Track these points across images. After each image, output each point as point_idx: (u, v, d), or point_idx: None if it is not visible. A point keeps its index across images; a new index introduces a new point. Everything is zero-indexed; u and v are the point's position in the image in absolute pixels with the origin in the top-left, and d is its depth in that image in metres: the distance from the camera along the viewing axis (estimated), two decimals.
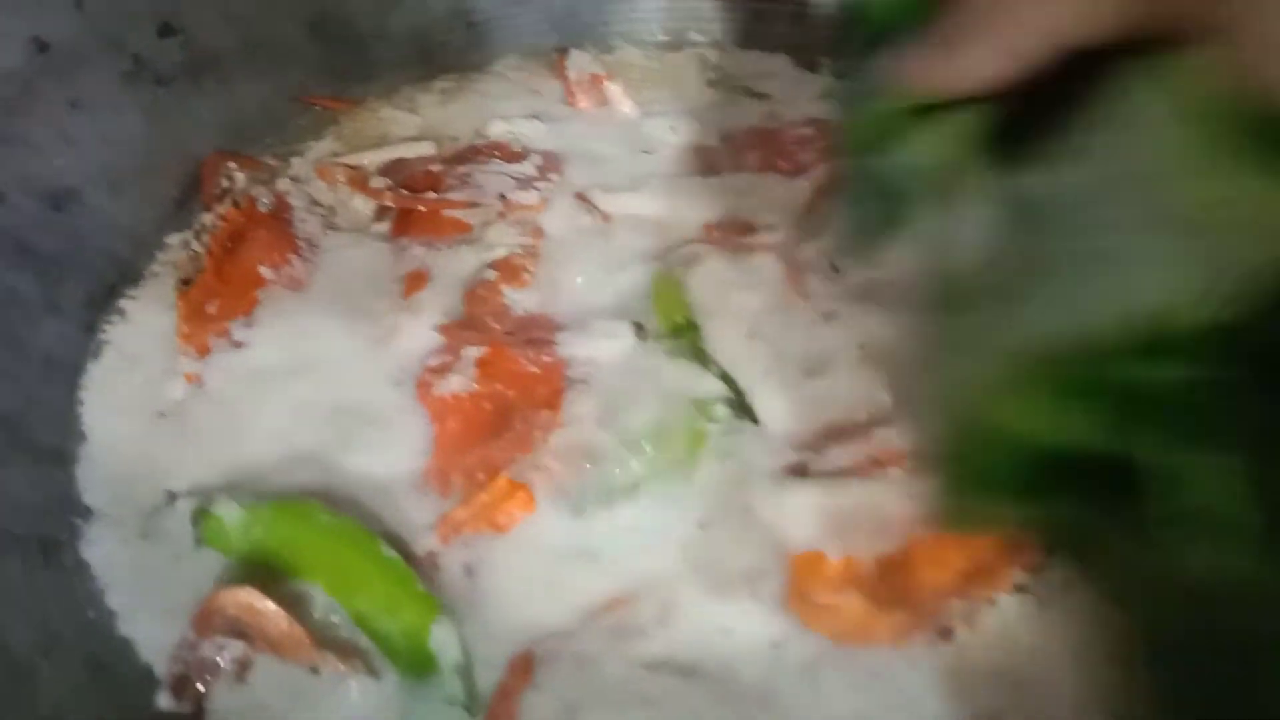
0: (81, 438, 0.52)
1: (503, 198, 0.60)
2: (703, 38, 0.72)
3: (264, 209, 0.59)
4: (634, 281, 0.55)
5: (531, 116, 0.66)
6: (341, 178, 0.62)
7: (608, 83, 0.68)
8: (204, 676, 0.43)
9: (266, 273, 0.56)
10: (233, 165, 0.61)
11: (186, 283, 0.56)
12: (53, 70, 0.55)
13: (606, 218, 0.59)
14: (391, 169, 0.63)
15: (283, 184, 0.62)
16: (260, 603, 0.43)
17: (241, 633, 0.43)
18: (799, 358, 0.50)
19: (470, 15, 0.71)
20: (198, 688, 0.43)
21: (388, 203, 0.61)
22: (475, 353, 0.52)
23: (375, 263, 0.58)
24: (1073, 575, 0.42)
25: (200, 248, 0.57)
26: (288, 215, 0.60)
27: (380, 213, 0.61)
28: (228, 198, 0.59)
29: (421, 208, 0.60)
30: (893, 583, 0.43)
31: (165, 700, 0.43)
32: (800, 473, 0.46)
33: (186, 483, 0.50)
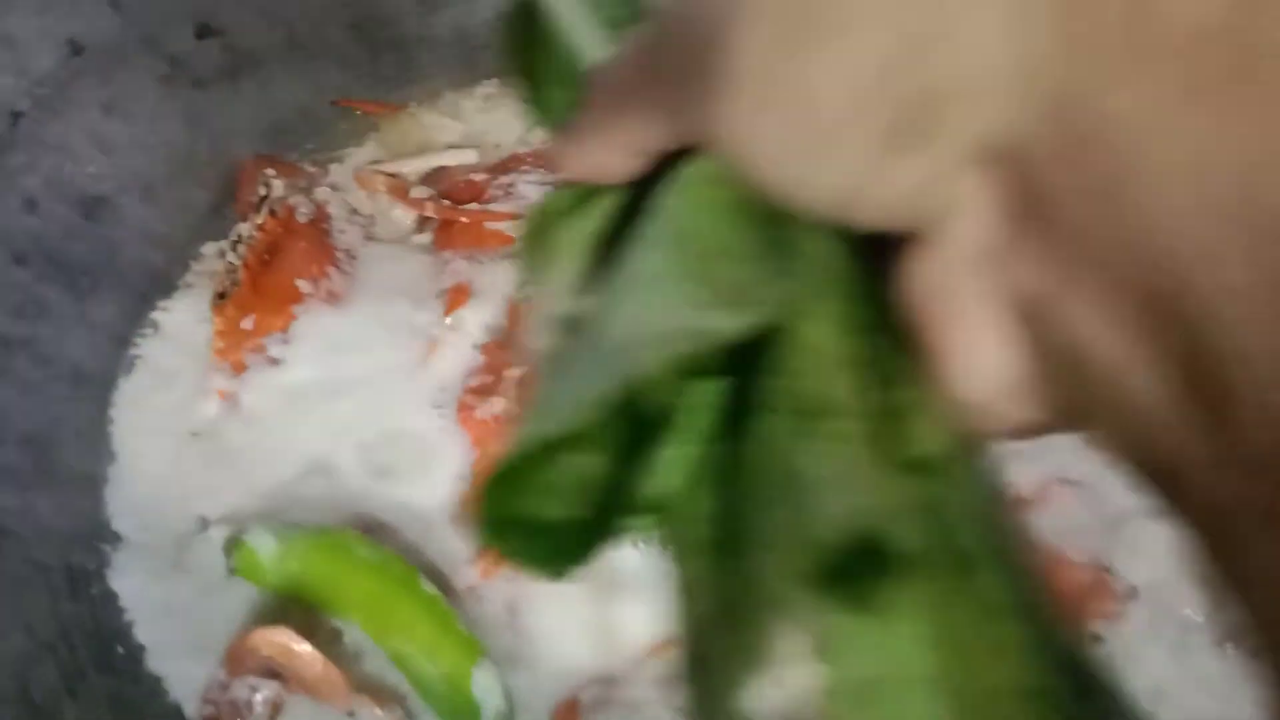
0: (111, 458, 0.50)
1: None
2: None
3: (303, 219, 0.57)
4: None
5: None
6: (382, 187, 0.60)
7: None
8: (235, 718, 0.41)
9: (304, 286, 0.54)
10: (270, 171, 0.59)
11: (222, 295, 0.54)
12: (88, 72, 0.53)
13: None
14: (433, 178, 0.61)
15: (321, 192, 0.60)
16: (296, 644, 0.41)
17: (275, 673, 0.42)
18: None
19: None
20: None
21: (429, 213, 0.59)
22: (518, 373, 0.49)
23: (416, 276, 0.56)
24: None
25: (236, 259, 0.55)
26: (326, 225, 0.58)
27: (421, 223, 0.59)
28: (265, 205, 0.57)
29: (464, 219, 0.58)
30: None
31: None
32: None
33: (219, 507, 0.48)
